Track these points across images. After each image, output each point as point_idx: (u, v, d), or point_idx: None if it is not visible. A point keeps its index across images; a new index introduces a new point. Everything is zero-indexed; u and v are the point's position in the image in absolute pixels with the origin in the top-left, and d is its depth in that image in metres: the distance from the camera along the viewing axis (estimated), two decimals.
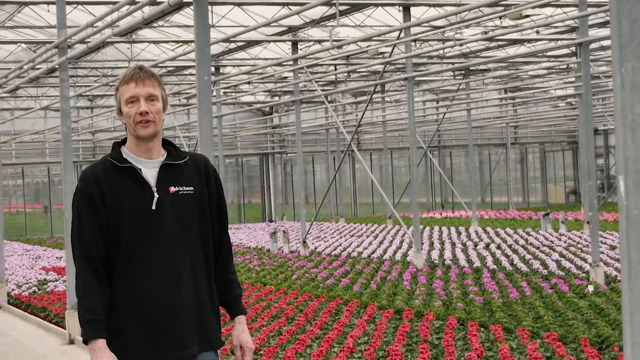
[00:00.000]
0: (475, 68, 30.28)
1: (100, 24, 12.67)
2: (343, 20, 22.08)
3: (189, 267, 4.08)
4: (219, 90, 27.93)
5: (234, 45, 25.16)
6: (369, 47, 20.62)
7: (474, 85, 33.28)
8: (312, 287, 15.84)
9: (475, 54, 27.47)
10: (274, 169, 42.44)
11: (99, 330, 3.97)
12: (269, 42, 24.45)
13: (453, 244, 22.89)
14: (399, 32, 18.54)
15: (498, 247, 21.47)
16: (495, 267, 17.50)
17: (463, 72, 29.46)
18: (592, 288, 13.56)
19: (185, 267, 4.07)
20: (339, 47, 17.38)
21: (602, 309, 11.83)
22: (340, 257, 21.25)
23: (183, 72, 29.19)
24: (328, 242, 25.39)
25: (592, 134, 15.20)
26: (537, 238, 23.47)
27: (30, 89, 30.35)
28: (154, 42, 21.83)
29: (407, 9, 18.88)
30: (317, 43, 23.78)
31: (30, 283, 18.30)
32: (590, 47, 27.18)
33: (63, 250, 24.71)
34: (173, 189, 4.11)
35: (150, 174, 4.11)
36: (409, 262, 19.05)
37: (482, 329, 10.96)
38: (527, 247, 21.02)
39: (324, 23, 21.53)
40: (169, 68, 28.08)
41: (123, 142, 4.26)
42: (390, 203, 26.83)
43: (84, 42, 13.62)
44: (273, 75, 25.44)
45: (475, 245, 22.16)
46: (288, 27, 22.60)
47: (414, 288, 15.07)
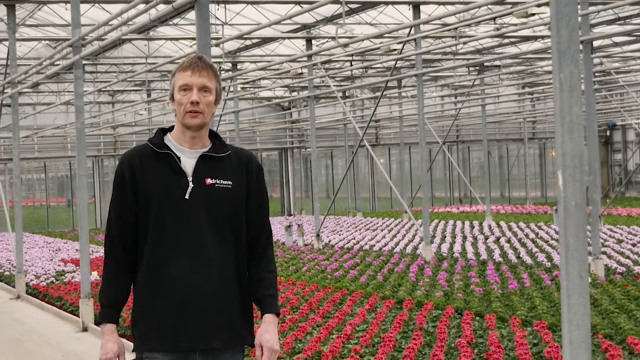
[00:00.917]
0: (490, 64, 30.59)
1: (116, 22, 13.07)
2: (356, 17, 22.49)
3: (217, 260, 4.05)
4: (236, 86, 28.38)
5: (250, 42, 25.59)
6: (382, 44, 21.02)
7: (490, 81, 33.58)
8: (320, 278, 16.25)
9: (489, 50, 27.78)
10: (293, 163, 42.89)
11: (110, 315, 4.12)
12: (284, 39, 24.87)
13: (464, 238, 23.25)
14: (409, 29, 18.91)
15: (508, 240, 21.79)
16: (502, 259, 17.84)
17: (478, 67, 29.79)
18: (589, 280, 13.93)
19: (213, 260, 4.04)
20: (345, 45, 17.71)
21: (595, 299, 12.18)
22: (352, 249, 21.66)
23: None
24: (343, 235, 25.81)
25: (595, 130, 15.49)
26: (547, 232, 23.76)
27: (52, 85, 30.96)
28: (169, 39, 22.29)
29: (417, 7, 19.26)
30: (331, 40, 24.16)
31: (49, 274, 18.80)
32: (604, 43, 27.53)
33: None
34: (210, 181, 4.07)
35: (189, 164, 4.08)
36: (419, 254, 19.42)
37: (477, 318, 11.35)
38: (536, 240, 21.32)
39: (336, 21, 21.90)
40: None
41: (170, 129, 4.22)
42: (408, 197, 27.16)
43: (102, 38, 14.04)
44: (289, 71, 25.86)
45: (486, 239, 22.50)
46: (302, 24, 23.02)
47: (419, 279, 15.46)
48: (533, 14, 17.68)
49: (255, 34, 21.70)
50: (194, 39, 22.43)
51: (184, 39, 22.14)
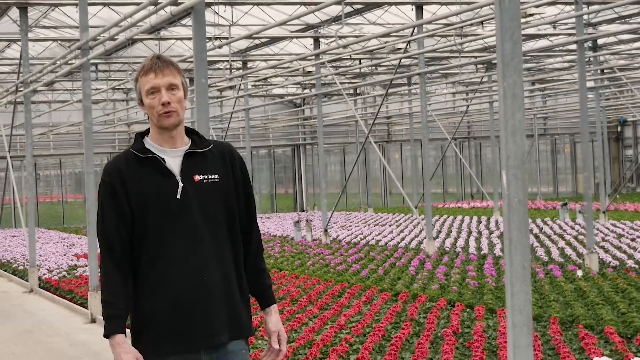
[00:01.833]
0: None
1: (124, 24, 13.48)
2: (361, 17, 22.91)
3: (217, 255, 4.08)
4: (247, 84, 28.84)
5: (259, 42, 26.07)
6: (387, 43, 21.45)
7: (497, 78, 33.87)
8: (323, 272, 16.66)
9: (495, 48, 28.08)
10: (305, 160, 43.34)
11: (119, 326, 3.98)
12: (291, 38, 25.31)
13: (469, 233, 23.64)
14: (412, 29, 19.31)
15: None
16: (502, 254, 18.22)
17: (485, 65, 30.16)
18: (580, 273, 14.35)
19: (213, 255, 4.06)
20: (345, 46, 18.15)
21: (584, 292, 12.59)
22: (359, 244, 22.09)
23: (212, 66, 30.10)
24: (351, 230, 26.26)
25: (586, 129, 15.86)
26: (552, 227, 24.12)
27: (66, 83, 31.52)
28: (180, 38, 22.77)
29: (419, 7, 19.67)
30: (337, 39, 24.57)
31: (61, 268, 19.28)
32: (609, 41, 27.85)
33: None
34: (198, 178, 4.08)
35: (174, 163, 4.09)
36: (422, 249, 19.84)
37: (467, 310, 11.78)
38: (539, 235, 21.67)
39: (340, 21, 22.30)
40: None
41: (146, 132, 4.22)
42: (419, 193, 27.53)
43: (114, 38, 14.45)
44: (298, 69, 26.30)
45: (490, 234, 22.87)
46: (308, 24, 23.45)
47: (418, 273, 15.88)
48: (532, 14, 18.13)
49: (263, 34, 22.13)
50: (208, 39, 23.03)
51: (190, 39, 22.59)
